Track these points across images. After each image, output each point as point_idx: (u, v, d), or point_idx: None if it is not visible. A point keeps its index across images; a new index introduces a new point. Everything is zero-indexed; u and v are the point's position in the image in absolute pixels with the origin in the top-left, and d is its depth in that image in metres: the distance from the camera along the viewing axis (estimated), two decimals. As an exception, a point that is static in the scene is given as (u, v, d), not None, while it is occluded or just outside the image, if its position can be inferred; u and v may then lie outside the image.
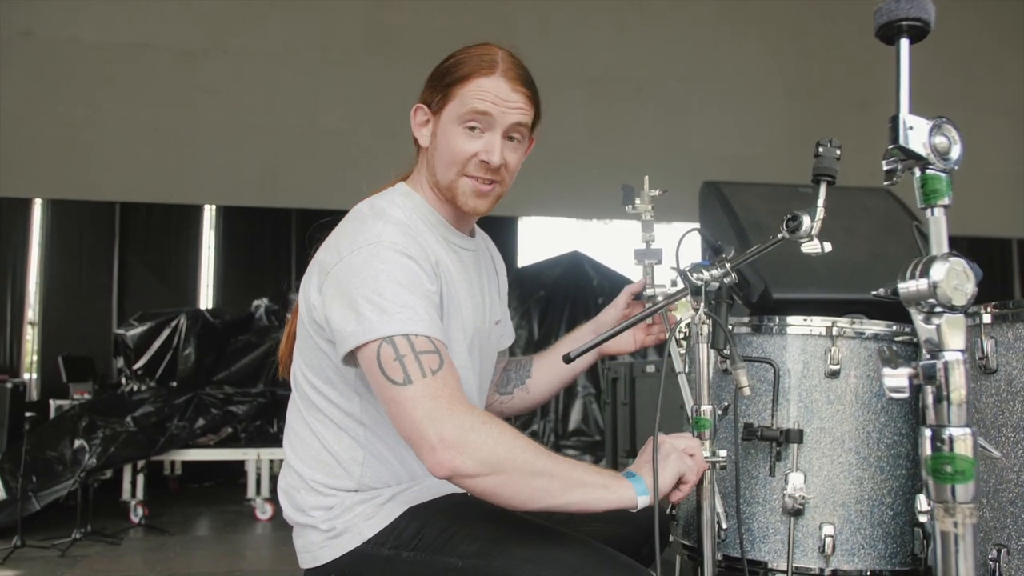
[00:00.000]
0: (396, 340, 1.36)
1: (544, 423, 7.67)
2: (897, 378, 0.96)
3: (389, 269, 1.44)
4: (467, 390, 1.53)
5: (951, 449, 0.95)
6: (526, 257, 9.41)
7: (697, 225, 1.89)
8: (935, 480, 0.96)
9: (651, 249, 1.84)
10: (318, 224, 1.65)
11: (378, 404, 1.46)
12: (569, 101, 8.82)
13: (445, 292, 1.55)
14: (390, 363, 1.35)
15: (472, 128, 1.55)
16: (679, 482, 1.47)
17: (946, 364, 0.95)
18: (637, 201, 1.85)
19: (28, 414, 6.40)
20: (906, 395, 0.97)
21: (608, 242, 9.66)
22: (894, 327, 1.86)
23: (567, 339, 1.92)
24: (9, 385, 5.98)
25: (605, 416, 5.10)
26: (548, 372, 1.91)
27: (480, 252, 1.77)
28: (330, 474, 1.56)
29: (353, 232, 1.53)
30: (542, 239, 9.72)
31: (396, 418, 1.36)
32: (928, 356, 0.97)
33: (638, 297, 1.88)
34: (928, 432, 0.97)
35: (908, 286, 0.97)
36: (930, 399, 0.97)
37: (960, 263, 0.96)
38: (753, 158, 9.11)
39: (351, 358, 1.45)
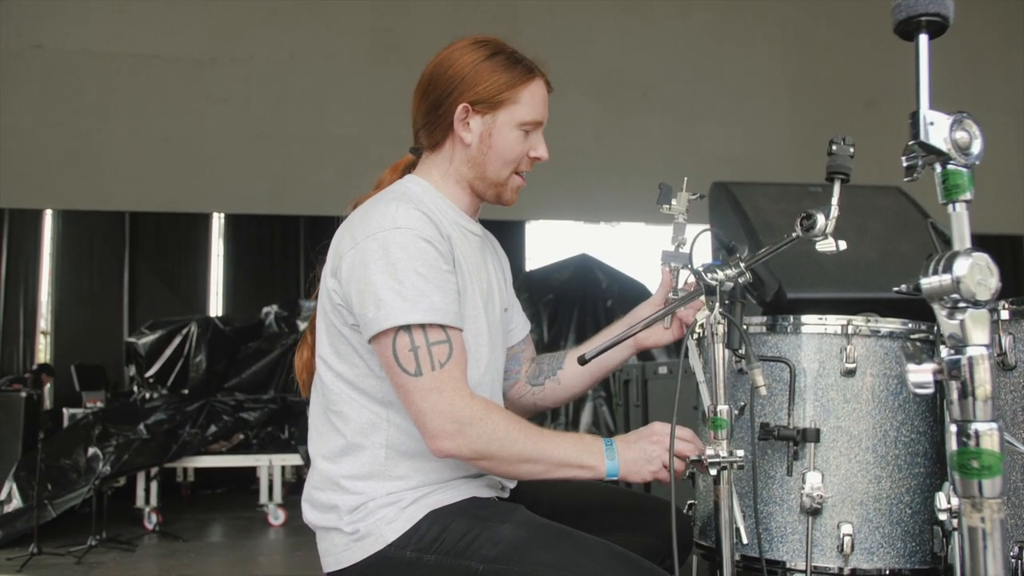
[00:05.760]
0: (413, 329, 1.46)
1: (555, 426, 7.65)
2: (922, 373, 0.96)
3: (406, 256, 1.48)
4: (479, 367, 1.63)
5: (977, 444, 0.94)
6: (534, 261, 9.41)
7: (709, 226, 1.88)
8: (961, 475, 0.95)
9: (679, 252, 1.79)
10: (321, 246, 1.67)
11: None
12: (575, 105, 8.83)
13: (457, 271, 1.58)
14: (404, 352, 1.46)
15: (527, 132, 1.66)
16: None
17: (971, 360, 0.95)
18: (674, 202, 1.78)
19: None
20: (930, 391, 0.96)
21: (616, 245, 9.66)
22: (909, 324, 1.85)
23: (603, 334, 1.88)
24: (23, 394, 6.00)
25: (618, 419, 5.09)
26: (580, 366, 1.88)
27: (485, 239, 1.80)
28: (355, 462, 1.56)
29: (366, 216, 1.55)
30: (550, 243, 9.72)
31: (404, 402, 1.50)
32: (952, 352, 0.96)
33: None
34: (954, 428, 0.96)
35: (931, 281, 0.97)
36: (955, 395, 0.96)
37: (983, 258, 0.95)
38: (760, 159, 9.11)
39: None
